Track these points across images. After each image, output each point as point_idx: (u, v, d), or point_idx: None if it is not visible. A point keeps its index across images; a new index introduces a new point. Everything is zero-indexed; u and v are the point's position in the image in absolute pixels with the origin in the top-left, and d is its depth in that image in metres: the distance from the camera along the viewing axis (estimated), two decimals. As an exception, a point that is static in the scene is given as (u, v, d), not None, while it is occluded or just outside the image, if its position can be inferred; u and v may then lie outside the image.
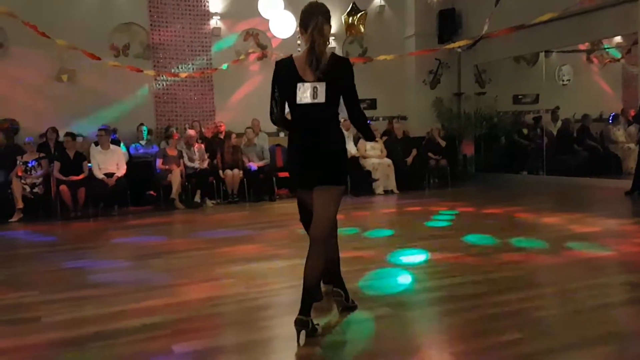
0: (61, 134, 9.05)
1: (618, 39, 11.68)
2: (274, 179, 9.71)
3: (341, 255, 3.64)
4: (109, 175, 8.47)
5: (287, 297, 3.84)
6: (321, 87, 2.91)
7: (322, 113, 2.96)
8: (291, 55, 3.09)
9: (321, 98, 2.92)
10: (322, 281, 3.59)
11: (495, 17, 9.42)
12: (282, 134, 11.12)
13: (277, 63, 3.11)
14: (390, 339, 3.01)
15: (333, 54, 3.01)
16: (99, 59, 9.08)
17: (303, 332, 2.89)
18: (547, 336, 2.89)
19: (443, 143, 10.98)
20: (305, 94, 2.94)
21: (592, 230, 5.72)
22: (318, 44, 2.91)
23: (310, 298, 2.96)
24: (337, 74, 2.96)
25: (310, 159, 2.99)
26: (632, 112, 10.11)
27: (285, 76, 3.01)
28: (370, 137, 3.36)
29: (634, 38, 9.71)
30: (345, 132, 10.96)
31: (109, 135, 8.81)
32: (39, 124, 9.32)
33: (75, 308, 3.68)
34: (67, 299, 3.92)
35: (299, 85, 2.93)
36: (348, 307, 3.40)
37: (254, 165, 9.52)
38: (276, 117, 3.11)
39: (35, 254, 5.84)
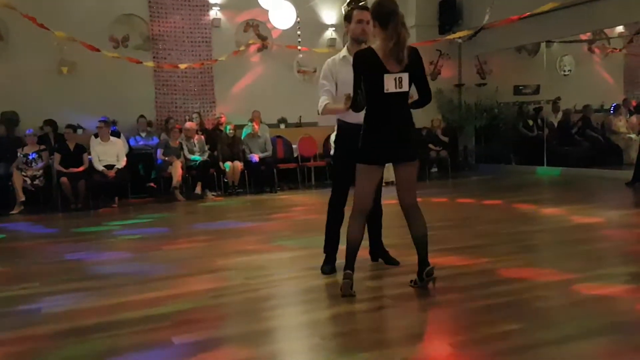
0: (61, 125, 9.05)
1: (620, 28, 11.64)
2: (275, 170, 9.71)
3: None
4: (109, 167, 8.47)
5: (289, 287, 3.85)
6: (405, 77, 3.28)
7: (403, 100, 3.37)
8: (370, 47, 3.36)
9: (405, 87, 3.31)
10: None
11: (496, 7, 9.38)
12: (282, 126, 11.11)
13: (359, 54, 3.39)
14: (390, 329, 3.01)
15: (408, 47, 3.29)
16: (98, 50, 9.06)
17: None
18: (546, 327, 2.90)
19: (445, 139, 10.96)
20: (391, 83, 3.26)
21: (593, 221, 5.72)
22: (404, 38, 3.23)
23: (426, 252, 3.51)
24: (415, 64, 3.34)
25: (397, 139, 3.37)
26: (634, 103, 10.09)
27: (369, 67, 3.29)
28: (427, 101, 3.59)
29: (636, 27, 9.66)
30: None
31: (108, 127, 8.79)
32: (39, 116, 9.30)
33: (76, 299, 3.69)
34: (68, 290, 3.93)
35: (386, 76, 3.25)
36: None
37: (255, 157, 9.51)
38: (360, 106, 3.40)
39: (36, 245, 5.85)
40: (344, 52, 3.95)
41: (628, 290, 3.54)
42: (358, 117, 3.53)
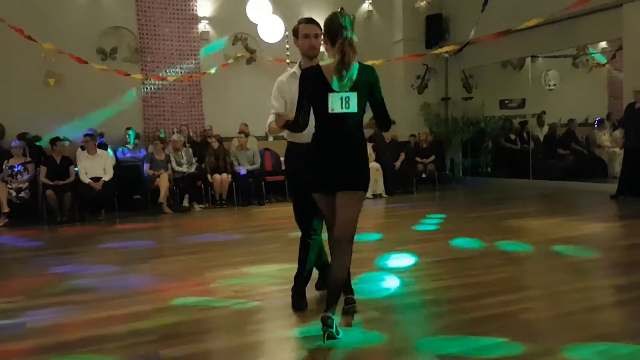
0: (47, 138, 8.99)
1: (603, 44, 11.84)
2: (263, 183, 9.70)
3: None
4: (96, 179, 8.41)
5: (276, 301, 3.84)
6: (353, 97, 3.01)
7: (352, 122, 3.06)
8: (318, 64, 3.14)
9: (353, 108, 3.02)
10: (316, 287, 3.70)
11: (482, 22, 9.52)
12: (270, 138, 11.12)
13: (305, 72, 3.19)
14: (378, 342, 3.01)
15: (360, 64, 3.07)
16: (85, 62, 9.05)
17: (328, 331, 2.92)
18: (533, 339, 2.91)
19: (432, 158, 11.02)
20: (336, 103, 3.01)
21: (579, 233, 5.77)
22: (349, 56, 2.98)
23: (337, 296, 3.06)
24: (366, 85, 3.06)
25: (338, 165, 3.06)
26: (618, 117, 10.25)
27: (313, 85, 3.08)
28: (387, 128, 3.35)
29: (618, 43, 9.84)
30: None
31: (94, 141, 8.73)
32: (25, 128, 9.24)
33: (61, 313, 3.65)
34: (53, 304, 3.88)
35: (331, 95, 3.01)
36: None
37: (242, 170, 9.50)
38: (302, 126, 3.17)
39: (21, 258, 5.78)
40: (294, 68, 3.69)
41: (613, 303, 3.58)
42: (306, 138, 3.28)
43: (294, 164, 3.56)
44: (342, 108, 3.01)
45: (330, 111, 3.02)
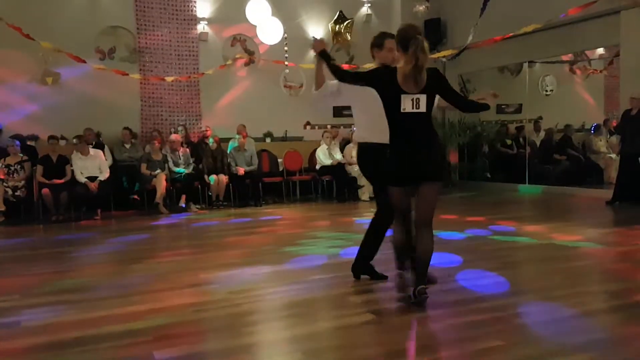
0: (45, 136, 8.98)
1: (600, 50, 11.90)
2: (260, 184, 9.71)
3: (325, 262, 3.65)
4: (92, 179, 8.40)
5: (272, 302, 3.84)
6: (422, 99, 3.43)
7: (423, 120, 3.49)
8: (395, 67, 3.49)
9: (422, 108, 3.44)
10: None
11: (480, 27, 9.55)
12: (268, 140, 11.14)
13: (381, 69, 3.58)
14: (373, 345, 3.02)
15: (428, 68, 3.44)
16: (84, 61, 9.04)
17: (425, 299, 3.42)
18: (528, 344, 2.92)
19: None
20: (408, 104, 3.42)
21: (574, 238, 5.79)
22: (422, 62, 3.36)
23: (425, 273, 3.52)
24: (436, 86, 3.49)
25: (417, 160, 3.47)
26: (614, 123, 10.28)
27: (384, 85, 3.47)
28: (476, 106, 3.74)
29: (615, 50, 9.88)
30: (332, 140, 10.92)
31: (84, 143, 8.68)
32: (22, 127, 9.22)
33: (56, 312, 3.64)
34: (48, 303, 3.88)
35: (403, 96, 3.42)
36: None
37: (240, 170, 9.51)
38: (340, 74, 3.57)
39: (17, 257, 5.77)
40: None
41: (607, 308, 3.59)
42: (380, 138, 3.65)
43: (375, 161, 3.86)
44: (413, 108, 3.42)
45: (402, 110, 3.43)
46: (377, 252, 4.21)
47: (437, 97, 3.58)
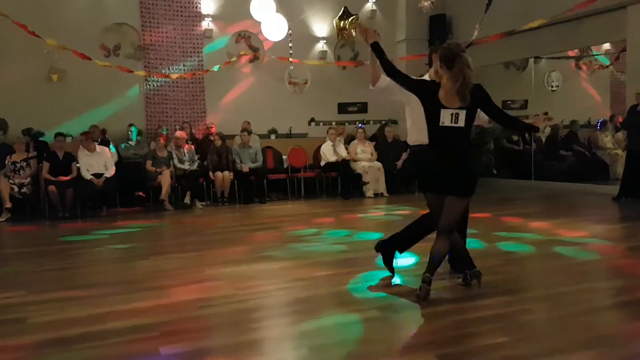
0: (50, 134, 9.02)
1: (607, 45, 11.82)
2: (265, 181, 9.72)
3: (329, 258, 3.65)
4: (98, 175, 8.42)
5: (277, 298, 3.85)
6: (462, 114, 3.49)
7: (461, 135, 3.54)
8: (439, 82, 3.58)
9: (461, 123, 3.50)
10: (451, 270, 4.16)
11: (485, 23, 9.50)
12: (272, 136, 11.14)
13: (431, 82, 3.68)
14: (378, 341, 3.02)
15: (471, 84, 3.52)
16: (89, 58, 9.07)
17: (425, 287, 3.51)
18: (533, 340, 2.92)
19: None
20: (447, 118, 3.48)
21: (580, 235, 5.77)
22: (469, 78, 3.46)
23: (435, 267, 3.63)
24: (479, 101, 3.57)
25: (447, 173, 3.56)
26: (620, 119, 10.23)
27: (429, 97, 3.56)
28: (522, 126, 4.01)
29: (622, 45, 9.82)
30: (338, 137, 10.85)
31: (90, 139, 8.70)
32: (28, 124, 9.26)
33: (62, 309, 3.66)
34: (54, 299, 3.90)
35: (443, 111, 3.49)
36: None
37: (245, 167, 9.52)
38: (389, 69, 3.70)
39: (23, 254, 5.80)
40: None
41: (613, 304, 3.58)
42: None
43: (417, 166, 4.10)
44: (451, 122, 3.48)
45: (440, 124, 3.50)
46: (409, 247, 4.25)
47: (480, 113, 3.64)
